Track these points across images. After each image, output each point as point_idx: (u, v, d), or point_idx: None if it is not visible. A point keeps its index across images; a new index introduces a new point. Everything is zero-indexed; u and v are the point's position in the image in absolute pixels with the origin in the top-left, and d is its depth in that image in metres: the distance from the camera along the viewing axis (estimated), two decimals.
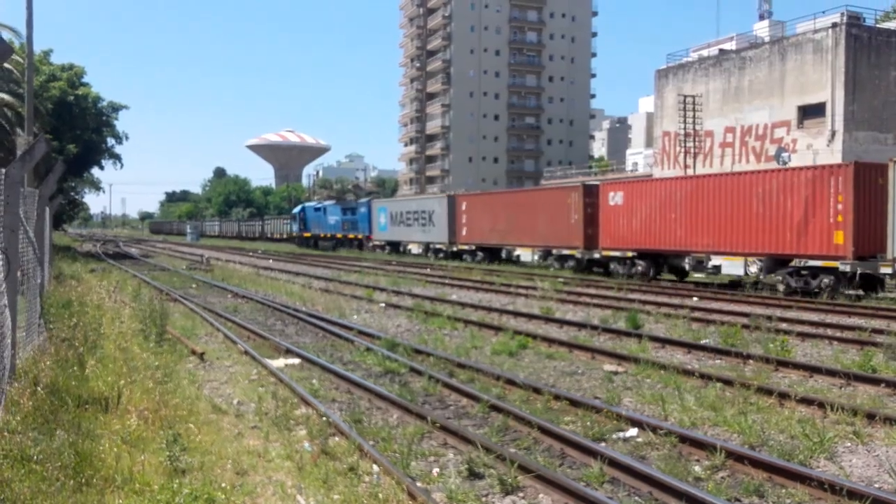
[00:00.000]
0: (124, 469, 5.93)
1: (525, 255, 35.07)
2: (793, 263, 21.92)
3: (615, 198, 28.11)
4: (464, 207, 39.43)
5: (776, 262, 22.52)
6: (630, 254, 27.52)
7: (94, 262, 36.36)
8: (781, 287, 22.21)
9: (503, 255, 36.82)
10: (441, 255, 41.59)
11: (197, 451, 6.66)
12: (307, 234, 62.08)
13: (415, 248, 44.97)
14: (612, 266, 28.61)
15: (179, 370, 10.61)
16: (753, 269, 23.25)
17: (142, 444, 6.69)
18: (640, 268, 27.14)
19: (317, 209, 62.06)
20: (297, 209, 67.78)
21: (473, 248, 38.84)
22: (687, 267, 25.88)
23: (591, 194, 29.78)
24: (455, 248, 40.35)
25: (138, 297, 18.66)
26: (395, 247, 47.62)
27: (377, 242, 50.14)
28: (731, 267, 23.67)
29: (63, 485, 5.32)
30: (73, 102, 45.54)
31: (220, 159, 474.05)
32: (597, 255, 29.22)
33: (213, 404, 8.79)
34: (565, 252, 31.16)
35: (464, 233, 39.33)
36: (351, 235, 54.95)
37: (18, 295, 8.58)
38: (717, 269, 24.13)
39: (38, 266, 10.73)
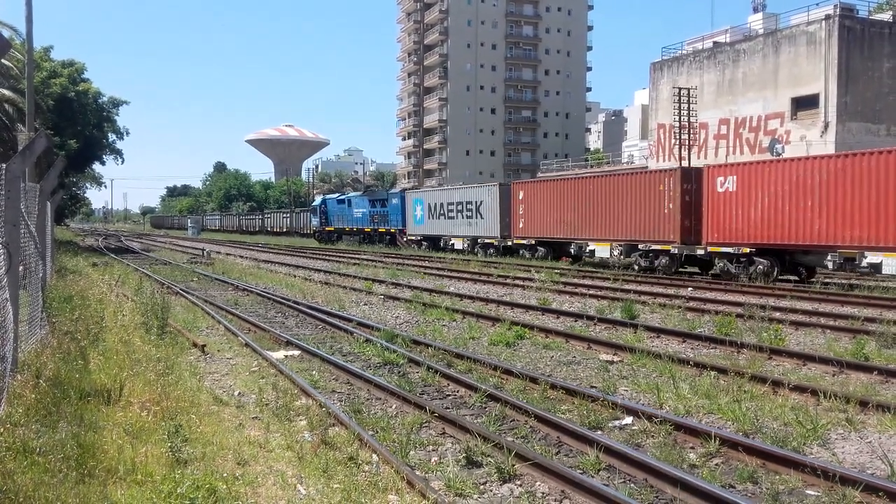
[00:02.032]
0: (127, 460, 5.99)
1: (601, 250, 29.89)
2: None
3: (726, 183, 23.95)
4: (521, 197, 34.55)
5: None
6: (746, 249, 23.37)
7: (95, 257, 36.37)
8: None
9: (572, 250, 31.88)
10: (491, 250, 37.09)
11: (198, 442, 6.72)
12: (329, 229, 58.02)
13: (458, 244, 40.27)
14: (720, 264, 24.59)
15: (181, 362, 10.67)
16: None
17: (144, 435, 6.75)
18: (760, 266, 22.91)
19: (340, 201, 57.87)
20: (317, 201, 63.29)
21: (532, 242, 34.18)
22: (830, 265, 21.61)
23: (690, 179, 25.63)
24: (509, 243, 35.67)
25: (140, 290, 18.70)
26: (435, 242, 43.24)
27: (413, 237, 45.89)
28: None
29: (66, 476, 5.37)
30: (73, 98, 45.61)
31: (220, 154, 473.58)
32: (700, 251, 25.08)
33: (215, 396, 8.87)
34: (656, 247, 26.72)
35: (520, 225, 34.58)
36: (381, 229, 50.27)
37: (20, 289, 8.65)
38: (876, 267, 20.30)
39: (40, 260, 10.80)
